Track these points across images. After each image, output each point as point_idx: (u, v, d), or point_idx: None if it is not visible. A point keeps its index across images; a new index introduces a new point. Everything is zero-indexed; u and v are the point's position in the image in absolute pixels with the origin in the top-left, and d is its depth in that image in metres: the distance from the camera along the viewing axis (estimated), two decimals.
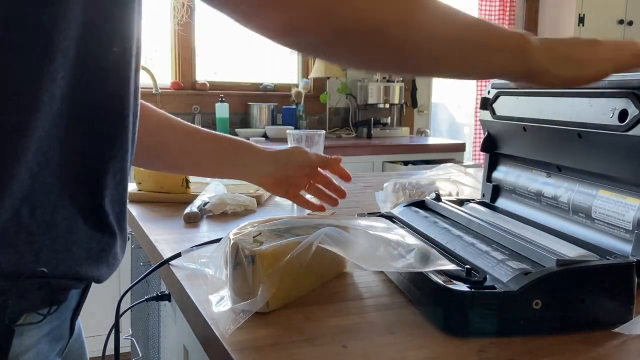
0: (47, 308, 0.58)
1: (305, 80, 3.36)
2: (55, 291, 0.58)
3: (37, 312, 0.57)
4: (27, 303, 0.55)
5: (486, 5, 3.89)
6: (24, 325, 0.56)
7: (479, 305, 0.55)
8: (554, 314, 0.56)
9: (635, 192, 0.66)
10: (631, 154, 0.64)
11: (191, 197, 1.12)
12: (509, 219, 0.81)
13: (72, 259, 0.58)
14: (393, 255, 0.63)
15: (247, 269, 0.60)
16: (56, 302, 0.59)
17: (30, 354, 0.57)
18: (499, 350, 0.53)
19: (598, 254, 0.61)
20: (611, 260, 0.58)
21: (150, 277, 1.05)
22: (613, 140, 0.66)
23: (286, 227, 0.68)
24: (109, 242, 0.62)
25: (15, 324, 0.55)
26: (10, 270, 0.53)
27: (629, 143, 0.64)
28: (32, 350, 0.58)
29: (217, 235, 0.88)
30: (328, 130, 3.44)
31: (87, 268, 0.60)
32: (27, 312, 0.56)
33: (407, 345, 0.54)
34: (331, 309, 0.63)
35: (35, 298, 0.56)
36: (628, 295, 0.58)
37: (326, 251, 0.61)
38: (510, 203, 0.90)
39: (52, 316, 0.59)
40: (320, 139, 1.10)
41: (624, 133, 0.64)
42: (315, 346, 0.54)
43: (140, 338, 1.39)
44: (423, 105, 3.87)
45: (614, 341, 0.55)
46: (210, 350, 0.59)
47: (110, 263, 0.63)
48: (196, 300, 0.65)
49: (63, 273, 0.57)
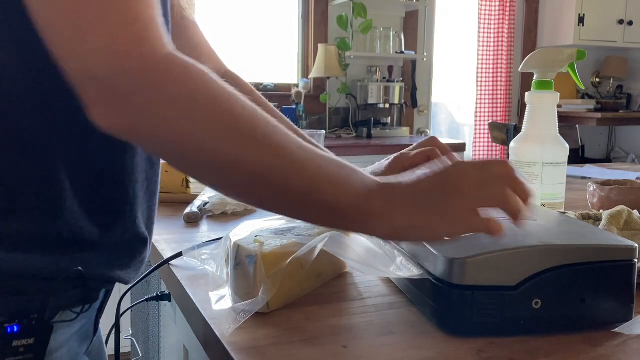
0: (80, 306, 0.61)
1: (305, 80, 3.36)
2: (89, 291, 0.61)
3: (72, 310, 0.60)
4: (64, 301, 0.59)
5: (486, 5, 3.89)
6: (59, 322, 0.59)
7: (478, 305, 0.55)
8: (554, 313, 0.56)
9: None
10: None
11: (191, 197, 1.12)
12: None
13: (106, 264, 0.62)
14: (392, 260, 0.63)
15: (248, 269, 0.60)
16: (88, 301, 0.62)
17: (63, 350, 0.60)
18: (499, 350, 0.53)
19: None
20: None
21: (150, 277, 1.05)
22: None
23: (287, 227, 0.68)
24: (140, 249, 0.67)
25: (53, 321, 0.57)
26: (50, 271, 0.56)
27: None
28: (65, 347, 0.60)
29: (217, 235, 0.88)
30: (328, 130, 3.44)
31: (119, 272, 0.64)
32: (62, 310, 0.59)
33: (407, 345, 0.55)
34: (331, 309, 0.63)
35: (71, 297, 0.59)
36: (628, 295, 0.58)
37: (328, 252, 0.61)
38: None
39: (82, 315, 0.62)
40: (321, 139, 1.10)
41: None
42: (315, 346, 0.54)
43: (140, 338, 1.39)
44: (423, 105, 3.87)
45: (614, 341, 0.55)
46: (210, 350, 0.59)
47: (137, 267, 0.68)
48: (196, 300, 0.65)
49: (98, 275, 0.61)
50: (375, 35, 3.44)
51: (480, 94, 3.98)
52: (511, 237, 0.59)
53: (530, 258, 0.56)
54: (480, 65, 3.95)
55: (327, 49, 3.28)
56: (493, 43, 3.95)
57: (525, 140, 1.01)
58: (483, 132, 3.97)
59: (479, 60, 3.95)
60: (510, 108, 4.08)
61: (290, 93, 3.32)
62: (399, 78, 3.59)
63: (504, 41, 3.95)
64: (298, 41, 3.55)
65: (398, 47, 3.54)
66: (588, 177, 1.60)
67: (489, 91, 3.97)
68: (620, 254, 0.57)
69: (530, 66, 1.02)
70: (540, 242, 0.57)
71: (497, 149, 3.99)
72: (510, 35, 3.94)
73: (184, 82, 0.48)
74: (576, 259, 0.56)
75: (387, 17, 3.60)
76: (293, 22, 3.54)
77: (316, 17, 3.46)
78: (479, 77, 3.96)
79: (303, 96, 3.29)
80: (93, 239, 0.61)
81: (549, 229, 0.64)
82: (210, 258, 0.68)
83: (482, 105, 3.98)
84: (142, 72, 0.47)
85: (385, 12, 3.58)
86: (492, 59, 3.96)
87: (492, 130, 3.59)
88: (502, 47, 3.96)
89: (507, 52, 3.95)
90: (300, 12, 3.52)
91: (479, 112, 3.98)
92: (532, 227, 0.64)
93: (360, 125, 3.44)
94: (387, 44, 3.48)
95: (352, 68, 3.48)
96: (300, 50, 3.56)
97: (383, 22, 3.53)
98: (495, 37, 3.94)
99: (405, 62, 3.73)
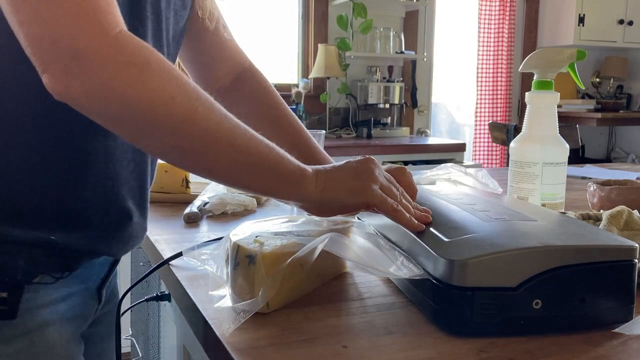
0: (59, 273, 0.68)
1: (305, 80, 3.36)
2: (67, 260, 0.69)
3: (51, 274, 0.67)
4: (40, 267, 0.66)
5: (486, 5, 3.89)
6: (41, 284, 0.66)
7: (478, 305, 0.55)
8: (554, 313, 0.56)
9: None
10: None
11: (191, 197, 1.12)
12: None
13: (86, 236, 0.69)
14: (392, 260, 0.63)
15: (248, 269, 0.60)
16: (68, 269, 0.69)
17: (46, 310, 0.67)
18: (499, 350, 0.53)
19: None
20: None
21: (150, 277, 1.05)
22: None
23: (287, 227, 0.68)
24: (124, 223, 0.73)
25: (31, 282, 0.65)
26: (28, 239, 0.64)
27: None
28: (48, 307, 0.68)
29: (217, 235, 0.88)
30: (328, 130, 3.44)
31: (102, 244, 0.71)
32: (41, 274, 0.66)
33: (407, 345, 0.55)
34: (331, 309, 0.63)
35: (48, 263, 0.67)
36: (628, 295, 0.58)
37: (328, 252, 0.61)
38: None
39: (70, 281, 0.70)
40: (321, 139, 1.10)
41: None
42: (315, 346, 0.54)
43: (140, 338, 1.39)
44: (423, 105, 3.87)
45: (614, 341, 0.55)
46: (210, 350, 0.59)
47: (125, 241, 0.74)
48: (196, 300, 0.65)
49: (78, 245, 0.68)
50: (375, 35, 3.44)
51: (480, 94, 3.98)
52: (511, 238, 0.59)
53: (531, 259, 0.55)
54: (480, 65, 3.95)
55: (327, 49, 3.29)
56: (493, 43, 3.95)
57: (525, 140, 1.01)
58: (483, 132, 3.97)
59: (479, 60, 3.95)
60: (510, 108, 4.08)
61: (290, 93, 3.31)
62: (399, 78, 3.59)
63: (504, 41, 3.95)
64: (298, 41, 3.56)
65: (398, 47, 3.54)
66: (588, 177, 1.60)
67: (489, 91, 3.97)
68: (620, 254, 0.57)
69: (530, 66, 1.02)
70: (540, 242, 0.57)
71: (497, 149, 3.99)
72: (510, 35, 3.94)
73: (140, 50, 0.54)
74: (576, 259, 0.56)
75: (387, 17, 3.60)
76: (293, 22, 3.54)
77: (316, 17, 3.46)
78: (479, 77, 3.96)
79: (303, 96, 3.29)
80: (71, 212, 0.67)
81: (549, 230, 0.64)
82: (210, 258, 0.67)
83: (482, 106, 3.98)
84: (103, 38, 0.52)
85: (385, 12, 3.59)
86: (492, 59, 3.96)
87: (492, 130, 3.59)
88: (502, 47, 3.96)
89: (507, 52, 3.95)
90: (300, 12, 3.52)
91: (479, 112, 3.98)
92: (533, 228, 0.64)
93: (360, 125, 3.44)
94: (387, 44, 3.48)
95: (352, 68, 3.49)
96: (300, 50, 3.56)
97: (383, 22, 3.53)
98: (495, 37, 3.94)
99: (405, 62, 3.73)
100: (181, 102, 0.56)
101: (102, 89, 0.52)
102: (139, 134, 0.57)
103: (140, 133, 0.57)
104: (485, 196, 0.82)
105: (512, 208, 0.72)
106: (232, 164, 0.61)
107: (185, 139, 0.57)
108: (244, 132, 0.61)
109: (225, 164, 0.61)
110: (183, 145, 0.58)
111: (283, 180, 0.64)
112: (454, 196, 0.80)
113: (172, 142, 0.58)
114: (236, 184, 0.65)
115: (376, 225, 0.76)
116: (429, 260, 0.59)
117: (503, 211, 0.70)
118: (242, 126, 0.61)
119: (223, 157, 0.60)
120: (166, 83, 0.55)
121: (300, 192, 0.65)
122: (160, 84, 0.55)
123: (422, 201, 0.73)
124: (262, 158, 0.62)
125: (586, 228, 0.64)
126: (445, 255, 0.57)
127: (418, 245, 0.63)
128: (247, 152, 0.61)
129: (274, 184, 0.64)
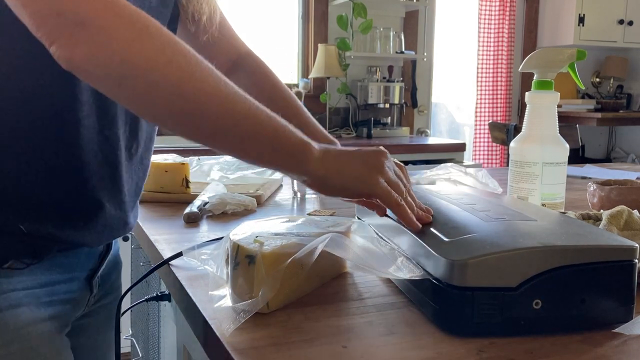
0: (30, 259, 0.70)
1: (305, 80, 3.36)
2: (37, 247, 0.70)
3: (21, 260, 0.69)
4: (10, 252, 0.68)
5: (486, 5, 3.89)
6: (13, 269, 0.68)
7: (479, 305, 0.55)
8: (554, 313, 0.56)
9: None
10: None
11: (191, 197, 1.12)
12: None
13: (53, 223, 0.70)
14: (392, 260, 0.63)
15: (248, 269, 0.60)
16: (38, 256, 0.71)
17: (20, 293, 0.69)
18: (499, 350, 0.53)
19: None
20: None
21: (150, 277, 1.05)
22: None
23: (287, 227, 0.68)
24: (94, 213, 0.74)
25: (2, 267, 0.67)
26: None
27: None
28: (22, 291, 0.69)
29: (217, 235, 0.88)
30: (328, 130, 3.43)
31: (72, 232, 0.72)
32: (13, 259, 0.68)
33: (407, 345, 0.54)
34: (331, 309, 0.63)
35: (18, 250, 0.69)
36: (628, 295, 0.58)
37: (328, 252, 0.61)
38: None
39: (51, 269, 0.73)
40: None
41: None
42: (315, 346, 0.54)
43: (140, 338, 1.39)
44: (423, 105, 3.87)
45: (614, 341, 0.55)
46: (210, 350, 0.59)
47: (98, 231, 0.75)
48: (196, 300, 0.65)
49: (44, 232, 0.69)
50: (375, 35, 3.44)
51: (480, 94, 3.97)
52: (512, 238, 0.59)
53: (531, 259, 0.55)
54: (480, 65, 3.95)
55: (327, 49, 3.28)
56: (493, 43, 3.95)
57: (525, 140, 1.01)
58: (483, 132, 3.97)
59: (479, 60, 3.95)
60: (510, 108, 4.08)
61: None
62: (399, 78, 3.59)
63: (504, 41, 3.95)
64: (298, 41, 3.55)
65: (398, 47, 3.54)
66: (588, 177, 1.60)
67: (489, 91, 3.97)
68: (620, 254, 0.57)
69: (530, 66, 1.02)
70: (540, 243, 0.57)
71: (497, 149, 3.99)
72: (510, 35, 3.94)
73: (138, 14, 0.56)
74: (576, 259, 0.56)
75: (387, 17, 3.60)
76: (293, 22, 3.54)
77: (316, 17, 3.46)
78: (479, 77, 3.96)
79: (303, 96, 3.29)
80: (39, 201, 0.69)
81: (549, 230, 0.64)
82: (210, 258, 0.67)
83: (482, 105, 3.98)
84: (103, 4, 0.55)
85: (385, 12, 3.59)
86: (492, 59, 3.96)
87: (492, 130, 3.59)
88: (502, 47, 3.96)
89: (507, 52, 3.95)
90: (300, 12, 3.52)
91: (479, 112, 3.98)
92: (533, 228, 0.64)
93: (360, 125, 3.44)
94: (387, 44, 3.48)
95: (352, 68, 3.49)
96: (300, 50, 3.56)
97: (383, 22, 3.53)
98: (495, 37, 3.94)
99: (405, 62, 3.73)
100: (179, 64, 0.57)
101: (105, 51, 0.54)
102: (138, 97, 0.58)
103: (139, 96, 0.58)
104: (485, 196, 0.82)
105: (512, 208, 0.72)
106: (232, 129, 0.61)
107: (183, 101, 0.58)
108: (244, 99, 0.61)
109: (224, 130, 0.60)
110: (183, 108, 0.58)
111: (284, 150, 0.64)
112: (454, 196, 0.80)
113: (171, 105, 0.58)
114: (237, 153, 0.64)
115: (376, 226, 0.76)
116: (429, 260, 0.59)
117: (503, 211, 0.70)
118: (242, 93, 0.62)
119: (222, 121, 0.60)
120: (165, 45, 0.57)
121: (302, 166, 0.65)
122: (160, 46, 0.57)
123: (422, 201, 0.74)
124: (262, 126, 0.62)
125: (586, 228, 0.64)
126: (446, 255, 0.57)
127: (418, 245, 0.63)
128: (246, 118, 0.61)
129: (274, 154, 0.64)
